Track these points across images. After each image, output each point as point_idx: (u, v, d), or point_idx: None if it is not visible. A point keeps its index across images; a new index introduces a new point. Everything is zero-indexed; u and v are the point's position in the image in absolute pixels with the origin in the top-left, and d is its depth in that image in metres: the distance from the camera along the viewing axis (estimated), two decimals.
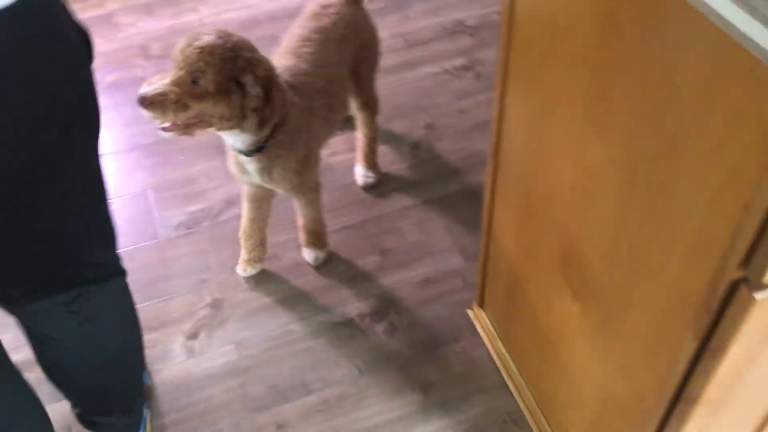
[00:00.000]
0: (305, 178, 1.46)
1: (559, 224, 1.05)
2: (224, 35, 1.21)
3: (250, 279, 1.67)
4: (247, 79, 1.21)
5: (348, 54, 1.58)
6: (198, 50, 1.17)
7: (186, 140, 1.97)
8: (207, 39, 1.19)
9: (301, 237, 1.67)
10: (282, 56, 1.48)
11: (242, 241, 1.65)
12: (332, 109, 1.51)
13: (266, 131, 1.32)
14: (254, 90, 1.21)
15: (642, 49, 0.76)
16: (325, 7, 1.56)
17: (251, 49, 1.25)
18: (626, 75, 0.80)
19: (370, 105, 1.74)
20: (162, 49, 2.27)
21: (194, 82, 1.19)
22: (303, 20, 1.55)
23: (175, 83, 1.18)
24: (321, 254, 1.68)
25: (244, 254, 1.66)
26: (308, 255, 1.68)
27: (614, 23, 0.80)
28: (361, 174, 1.83)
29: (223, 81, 1.19)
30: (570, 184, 0.98)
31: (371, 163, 1.82)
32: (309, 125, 1.41)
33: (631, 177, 0.84)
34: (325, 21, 1.53)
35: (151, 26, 2.36)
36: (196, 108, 1.21)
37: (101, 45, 2.30)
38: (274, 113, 1.28)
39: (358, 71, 1.65)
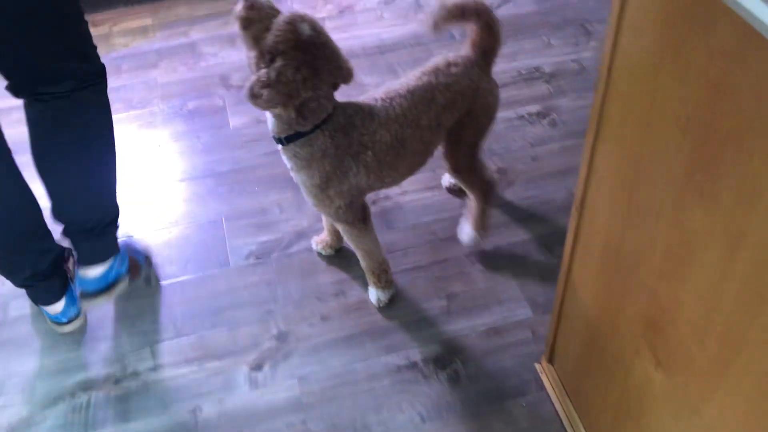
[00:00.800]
0: (324, 203, 1.48)
1: (647, 287, 1.01)
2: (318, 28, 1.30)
3: (314, 314, 1.67)
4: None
5: (448, 120, 1.52)
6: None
7: (261, 171, 2.00)
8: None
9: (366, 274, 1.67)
10: (375, 94, 1.49)
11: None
12: (389, 166, 1.47)
13: (289, 129, 1.36)
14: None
15: (757, 118, 0.74)
16: (448, 65, 1.52)
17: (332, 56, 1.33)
18: (736, 145, 0.78)
19: (463, 173, 1.64)
20: (241, 79, 2.33)
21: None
22: (422, 71, 1.52)
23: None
24: (383, 295, 1.66)
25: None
26: (371, 295, 1.68)
27: (728, 90, 0.77)
28: (466, 232, 1.75)
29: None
30: (663, 248, 0.95)
31: (480, 224, 1.73)
32: (339, 161, 1.41)
33: (734, 249, 0.81)
34: (441, 80, 1.49)
35: (232, 57, 2.43)
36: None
37: (184, 73, 2.37)
38: (305, 119, 1.33)
39: (459, 136, 1.57)
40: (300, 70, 1.26)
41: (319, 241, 1.79)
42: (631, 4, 0.94)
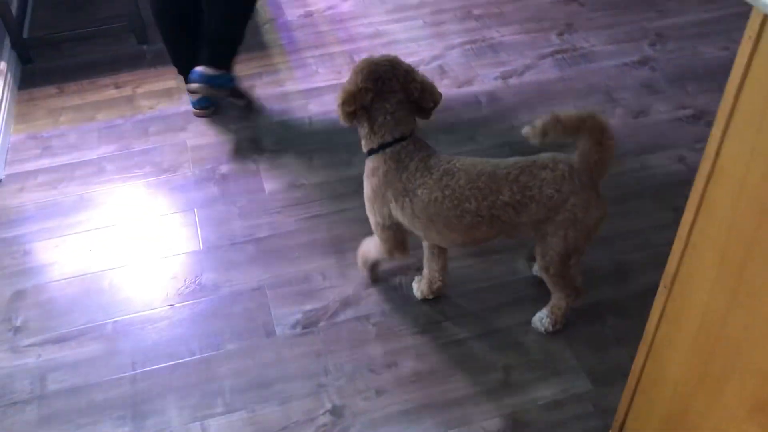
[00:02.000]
0: (369, 212, 1.65)
1: (759, 369, 1.00)
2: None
3: (368, 387, 1.62)
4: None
5: (511, 218, 1.49)
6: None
7: (301, 236, 1.97)
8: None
9: None
10: (458, 157, 1.55)
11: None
12: (422, 223, 1.54)
13: (366, 145, 1.58)
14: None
15: None
16: (544, 166, 1.48)
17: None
18: None
19: (550, 276, 1.60)
20: (273, 143, 2.31)
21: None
22: (517, 161, 1.50)
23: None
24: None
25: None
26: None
27: None
28: (539, 318, 1.72)
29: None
30: None
31: (556, 318, 1.70)
32: (384, 187, 1.56)
33: None
34: (521, 177, 1.47)
35: (261, 121, 2.42)
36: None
37: (213, 136, 2.36)
38: (374, 133, 1.54)
39: (544, 240, 1.53)
40: (362, 86, 1.50)
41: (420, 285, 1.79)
42: (747, 89, 0.95)
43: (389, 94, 1.52)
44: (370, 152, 1.57)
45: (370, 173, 1.58)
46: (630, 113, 2.39)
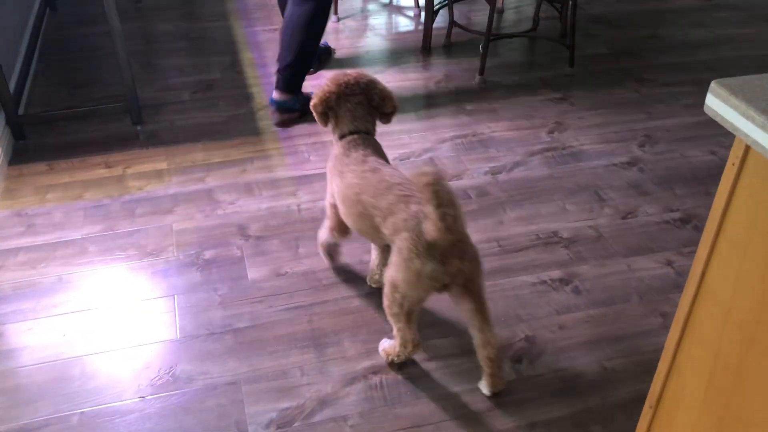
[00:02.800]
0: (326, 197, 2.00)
1: None
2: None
3: None
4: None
5: (381, 233, 1.74)
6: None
7: (281, 328, 1.93)
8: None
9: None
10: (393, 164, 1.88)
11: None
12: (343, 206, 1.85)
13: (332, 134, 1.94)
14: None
15: None
16: (417, 201, 1.62)
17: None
18: None
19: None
20: (260, 230, 2.30)
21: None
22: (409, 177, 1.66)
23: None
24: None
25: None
26: None
27: None
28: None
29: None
30: None
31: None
32: (334, 168, 1.90)
33: None
34: (400, 206, 1.66)
35: (250, 206, 2.41)
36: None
37: (200, 220, 2.34)
38: (337, 126, 1.92)
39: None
40: (327, 90, 1.86)
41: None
42: (731, 215, 0.94)
43: (351, 96, 1.86)
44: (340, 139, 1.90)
45: (331, 155, 1.91)
46: (618, 213, 2.39)
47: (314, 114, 1.90)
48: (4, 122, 2.68)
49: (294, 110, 2.85)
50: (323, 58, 3.31)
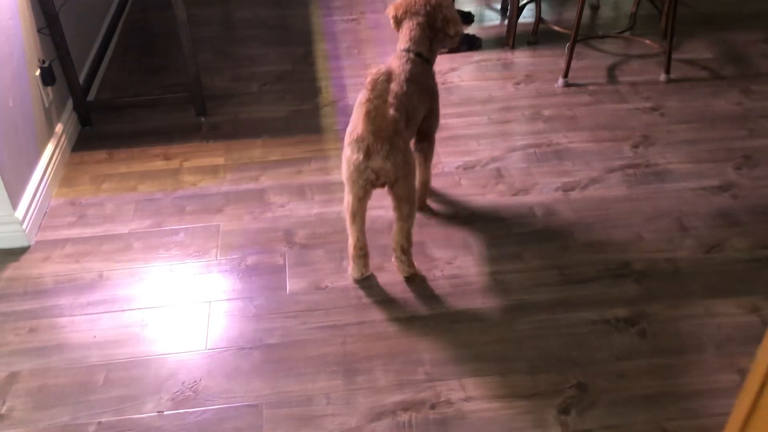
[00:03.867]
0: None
1: None
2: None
3: None
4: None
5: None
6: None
7: (312, 348, 1.82)
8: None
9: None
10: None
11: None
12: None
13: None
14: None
15: None
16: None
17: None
18: None
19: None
20: (306, 237, 2.19)
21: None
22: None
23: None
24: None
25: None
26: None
27: None
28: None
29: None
30: None
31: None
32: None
33: None
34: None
35: (300, 210, 2.31)
36: None
37: (248, 222, 2.26)
38: (401, 39, 2.06)
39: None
40: (398, 7, 2.06)
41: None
42: None
43: (415, 15, 2.01)
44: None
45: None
46: (701, 247, 2.13)
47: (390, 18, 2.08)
48: (72, 108, 2.70)
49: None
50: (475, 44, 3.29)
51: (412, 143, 2.06)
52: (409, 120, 1.92)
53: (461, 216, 2.27)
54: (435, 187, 2.40)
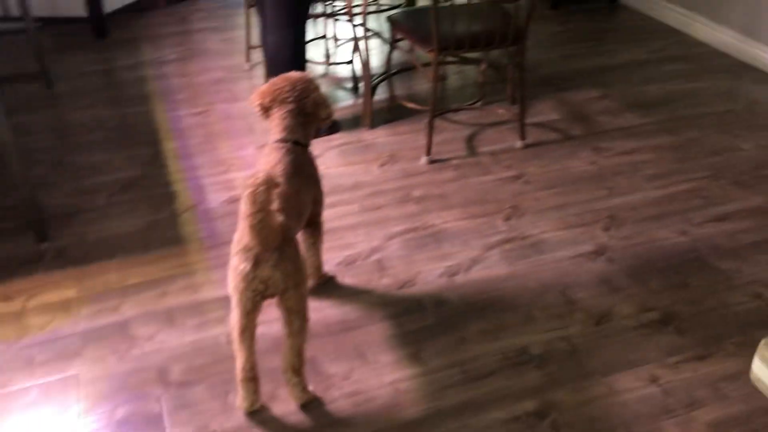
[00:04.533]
0: None
1: None
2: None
3: None
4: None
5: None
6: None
7: None
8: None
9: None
10: None
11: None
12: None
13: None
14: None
15: None
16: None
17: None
18: None
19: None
20: (183, 372, 1.96)
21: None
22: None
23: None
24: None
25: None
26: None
27: None
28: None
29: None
30: None
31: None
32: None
33: None
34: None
35: (172, 341, 2.07)
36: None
37: (113, 364, 1.99)
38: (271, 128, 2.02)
39: None
40: (262, 96, 2.00)
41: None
42: None
43: (283, 104, 1.96)
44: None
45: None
46: (590, 318, 2.13)
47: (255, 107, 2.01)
48: None
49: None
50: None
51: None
52: (299, 218, 1.85)
53: (350, 319, 2.14)
54: (317, 290, 2.25)
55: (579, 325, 2.11)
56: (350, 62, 3.68)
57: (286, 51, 2.91)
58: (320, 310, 2.17)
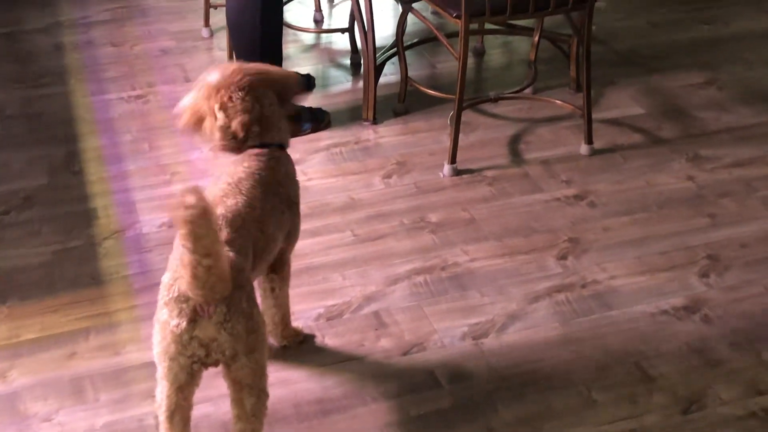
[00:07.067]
0: None
1: None
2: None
3: None
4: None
5: None
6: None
7: None
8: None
9: None
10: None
11: None
12: None
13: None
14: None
15: None
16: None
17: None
18: None
19: None
20: None
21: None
22: None
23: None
24: None
25: None
26: None
27: None
28: None
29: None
30: None
31: None
32: None
33: None
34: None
35: (78, 423, 2.10)
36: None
37: None
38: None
39: None
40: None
41: None
42: None
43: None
44: None
45: None
46: (676, 404, 2.13)
47: None
48: None
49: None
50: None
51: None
52: (262, 257, 1.90)
53: (332, 398, 2.15)
54: (286, 354, 2.27)
55: (659, 412, 2.11)
56: (348, 30, 3.72)
57: (252, 11, 2.95)
58: (289, 384, 2.19)
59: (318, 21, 3.96)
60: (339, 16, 4.00)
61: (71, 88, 3.52)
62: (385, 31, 3.84)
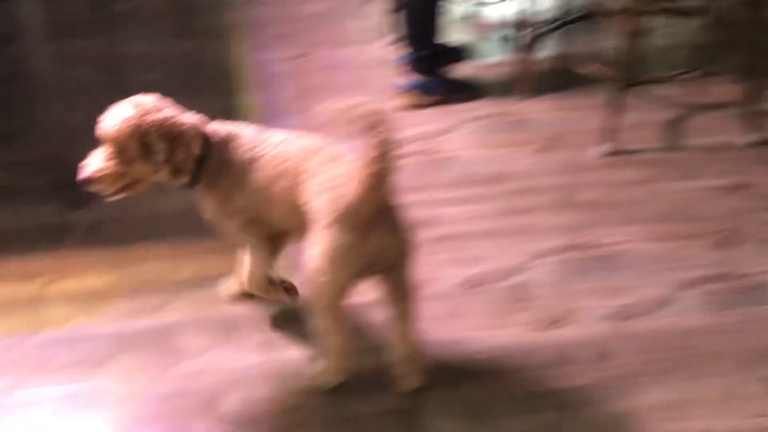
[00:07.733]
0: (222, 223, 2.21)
1: None
2: (137, 105, 2.02)
3: None
4: (151, 139, 1.99)
5: None
6: (119, 126, 1.98)
7: None
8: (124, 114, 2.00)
9: None
10: None
11: None
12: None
13: (185, 177, 2.08)
14: (157, 147, 1.99)
15: None
16: None
17: (158, 110, 2.02)
18: None
19: None
20: (239, 404, 2.10)
21: (122, 152, 1.98)
22: None
23: (108, 158, 2.00)
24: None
25: None
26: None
27: None
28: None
29: (141, 145, 1.98)
30: None
31: None
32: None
33: None
34: None
35: (227, 361, 2.21)
36: (130, 172, 2.03)
37: (147, 384, 2.18)
38: (183, 163, 2.04)
39: None
40: None
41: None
42: None
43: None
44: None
45: (210, 184, 2.17)
46: None
47: None
48: None
49: (430, 93, 3.26)
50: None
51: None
52: None
53: (466, 367, 2.19)
54: (424, 316, 2.32)
55: None
56: (504, 1, 3.73)
57: None
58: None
59: None
60: None
61: (230, 43, 3.66)
62: (544, 3, 3.83)
